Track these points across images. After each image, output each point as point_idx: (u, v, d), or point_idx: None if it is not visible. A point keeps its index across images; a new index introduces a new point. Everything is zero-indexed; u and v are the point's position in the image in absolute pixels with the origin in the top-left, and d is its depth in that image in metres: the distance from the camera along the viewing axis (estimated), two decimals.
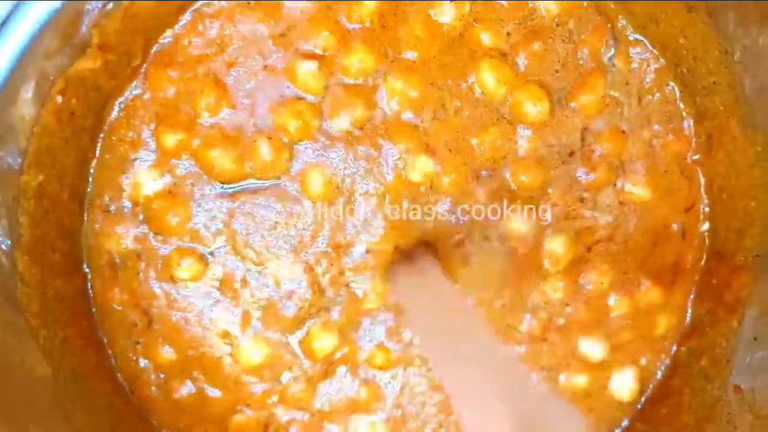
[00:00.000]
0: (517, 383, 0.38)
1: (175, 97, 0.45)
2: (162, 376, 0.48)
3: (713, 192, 0.49)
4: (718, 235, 0.48)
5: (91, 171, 0.46)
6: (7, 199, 0.37)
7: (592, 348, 0.49)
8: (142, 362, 0.48)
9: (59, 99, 0.39)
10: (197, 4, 0.45)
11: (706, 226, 0.49)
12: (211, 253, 0.47)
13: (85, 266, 0.47)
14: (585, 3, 0.47)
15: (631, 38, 0.47)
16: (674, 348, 0.50)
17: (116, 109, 0.45)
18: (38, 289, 0.42)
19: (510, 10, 0.46)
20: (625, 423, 0.50)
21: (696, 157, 0.48)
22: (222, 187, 0.47)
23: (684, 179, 0.49)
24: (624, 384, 0.49)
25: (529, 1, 0.46)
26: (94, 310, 0.47)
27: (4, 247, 0.37)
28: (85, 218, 0.46)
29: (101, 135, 0.46)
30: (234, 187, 0.47)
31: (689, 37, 0.45)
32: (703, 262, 0.49)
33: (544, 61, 0.46)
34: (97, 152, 0.46)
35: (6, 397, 0.38)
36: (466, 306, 0.46)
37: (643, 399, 0.50)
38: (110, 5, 0.39)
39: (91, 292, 0.47)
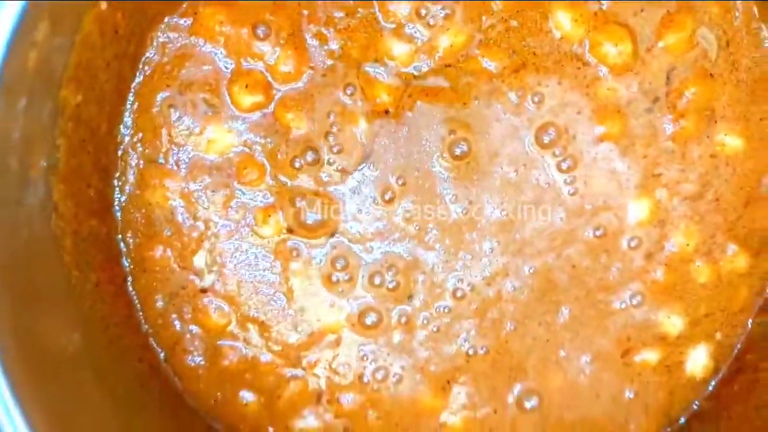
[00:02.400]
0: None
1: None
2: (211, 341, 0.45)
3: None
4: None
5: (133, 108, 0.44)
6: (45, 114, 0.34)
7: (671, 319, 0.46)
8: (189, 327, 0.45)
9: (104, 5, 0.36)
10: None
11: None
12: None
13: (117, 213, 0.44)
14: None
15: None
16: (750, 321, 0.47)
17: (156, 40, 0.43)
18: (72, 225, 0.39)
19: None
20: (695, 403, 0.47)
21: None
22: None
23: None
24: (699, 361, 0.47)
25: None
26: (126, 264, 0.44)
27: (44, 164, 0.34)
28: (122, 162, 0.44)
29: (143, 68, 0.43)
30: None
31: None
32: None
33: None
34: (134, 89, 0.43)
35: (33, 341, 0.35)
36: None
37: (717, 377, 0.47)
38: None
39: (122, 243, 0.44)
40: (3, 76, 0.30)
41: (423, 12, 0.43)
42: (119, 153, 0.43)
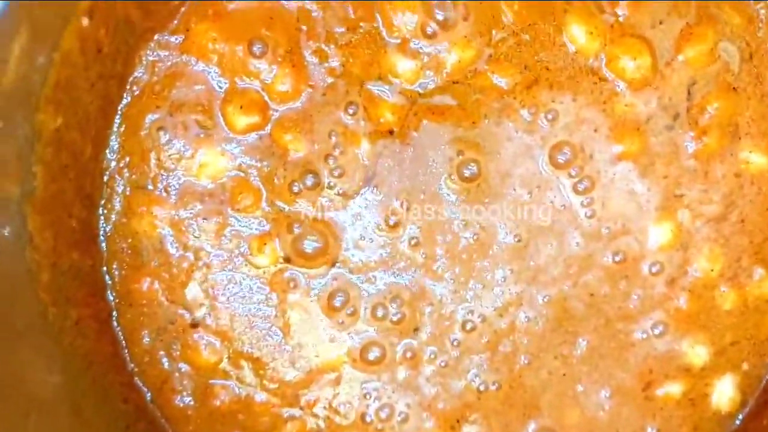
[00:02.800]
0: None
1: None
2: (201, 380, 0.43)
3: None
4: None
5: (120, 131, 0.42)
6: (19, 138, 0.32)
7: (696, 349, 0.44)
8: (178, 365, 0.43)
9: (85, 21, 0.34)
10: None
11: None
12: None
13: (102, 244, 0.42)
14: None
15: None
16: None
17: (145, 58, 0.41)
18: (50, 258, 0.37)
19: None
20: None
21: None
22: None
23: None
24: (725, 393, 0.45)
25: None
26: (111, 297, 0.42)
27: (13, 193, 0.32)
28: (107, 189, 0.42)
29: (131, 89, 0.41)
30: None
31: None
32: None
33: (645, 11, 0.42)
34: (121, 111, 0.41)
35: (5, 380, 0.33)
36: None
37: (744, 410, 0.45)
38: None
39: (107, 276, 0.43)
40: None
41: (429, 29, 0.42)
42: (105, 179, 0.42)
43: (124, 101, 0.41)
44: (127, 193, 0.42)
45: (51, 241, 0.37)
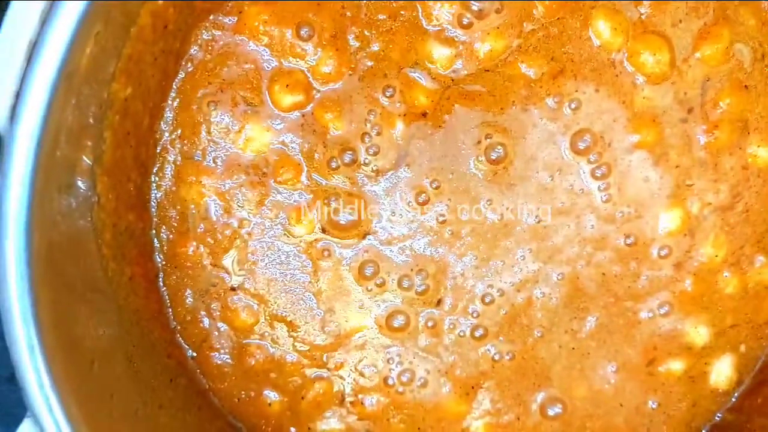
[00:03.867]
0: None
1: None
2: (238, 339, 0.45)
3: None
4: None
5: (174, 104, 0.43)
6: (95, 105, 0.34)
7: (698, 330, 0.46)
8: (218, 325, 0.45)
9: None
10: None
11: None
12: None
13: (153, 209, 0.44)
14: None
15: None
16: None
17: (201, 37, 0.43)
18: (112, 218, 0.39)
19: None
20: (718, 415, 0.47)
21: None
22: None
23: None
24: (722, 372, 0.47)
25: None
26: (159, 259, 0.44)
27: (86, 161, 0.34)
28: (160, 158, 0.44)
29: (186, 65, 0.43)
30: None
31: None
32: None
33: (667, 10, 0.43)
34: (176, 85, 0.43)
35: (72, 333, 0.35)
36: None
37: (740, 389, 0.47)
38: None
39: (156, 239, 0.44)
40: (66, 63, 0.30)
41: (464, 20, 0.43)
42: (158, 149, 0.43)
43: (179, 76, 0.43)
44: (178, 162, 0.44)
45: (114, 202, 0.38)
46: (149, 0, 0.36)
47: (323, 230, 0.45)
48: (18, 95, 0.29)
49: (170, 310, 0.45)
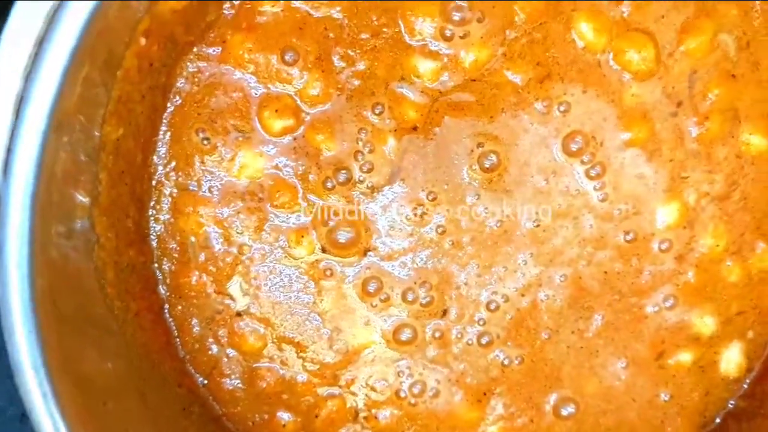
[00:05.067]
0: None
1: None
2: (247, 364, 0.46)
3: None
4: None
5: (166, 138, 0.44)
6: (87, 148, 0.35)
7: (704, 320, 0.46)
8: (226, 351, 0.46)
9: (143, 41, 0.37)
10: None
11: None
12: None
13: (153, 242, 0.44)
14: None
15: None
16: None
17: (186, 70, 0.43)
18: (113, 256, 0.40)
19: None
20: (731, 402, 0.47)
21: None
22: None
23: None
24: (732, 360, 0.47)
25: None
26: (163, 291, 0.45)
27: (83, 203, 0.35)
28: (156, 192, 0.44)
29: (173, 98, 0.43)
30: None
31: None
32: None
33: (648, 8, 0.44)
34: (166, 119, 0.43)
35: (82, 370, 0.36)
36: None
37: (751, 375, 0.47)
38: None
39: (158, 272, 0.45)
40: (55, 112, 0.30)
41: (447, 32, 0.44)
42: (153, 183, 0.44)
43: (168, 110, 0.43)
44: (174, 194, 0.44)
45: (114, 240, 0.39)
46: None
47: (323, 250, 0.45)
48: (9, 149, 0.29)
49: (178, 340, 0.45)
